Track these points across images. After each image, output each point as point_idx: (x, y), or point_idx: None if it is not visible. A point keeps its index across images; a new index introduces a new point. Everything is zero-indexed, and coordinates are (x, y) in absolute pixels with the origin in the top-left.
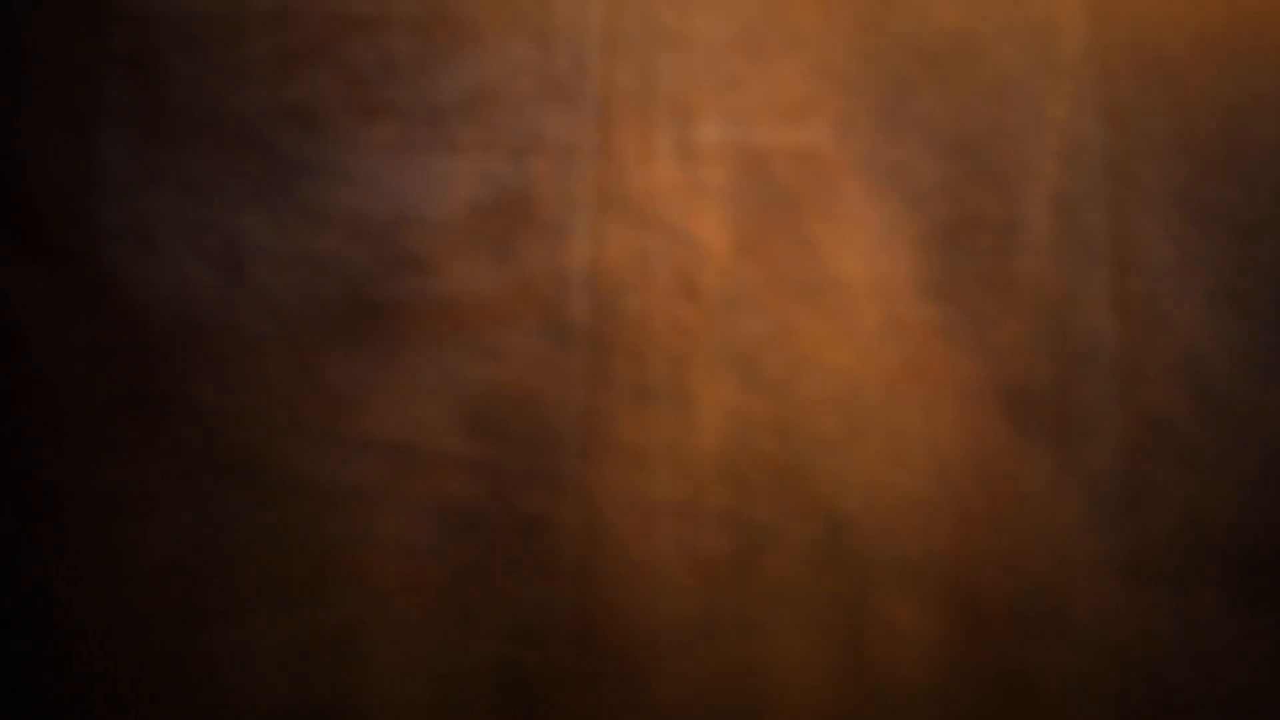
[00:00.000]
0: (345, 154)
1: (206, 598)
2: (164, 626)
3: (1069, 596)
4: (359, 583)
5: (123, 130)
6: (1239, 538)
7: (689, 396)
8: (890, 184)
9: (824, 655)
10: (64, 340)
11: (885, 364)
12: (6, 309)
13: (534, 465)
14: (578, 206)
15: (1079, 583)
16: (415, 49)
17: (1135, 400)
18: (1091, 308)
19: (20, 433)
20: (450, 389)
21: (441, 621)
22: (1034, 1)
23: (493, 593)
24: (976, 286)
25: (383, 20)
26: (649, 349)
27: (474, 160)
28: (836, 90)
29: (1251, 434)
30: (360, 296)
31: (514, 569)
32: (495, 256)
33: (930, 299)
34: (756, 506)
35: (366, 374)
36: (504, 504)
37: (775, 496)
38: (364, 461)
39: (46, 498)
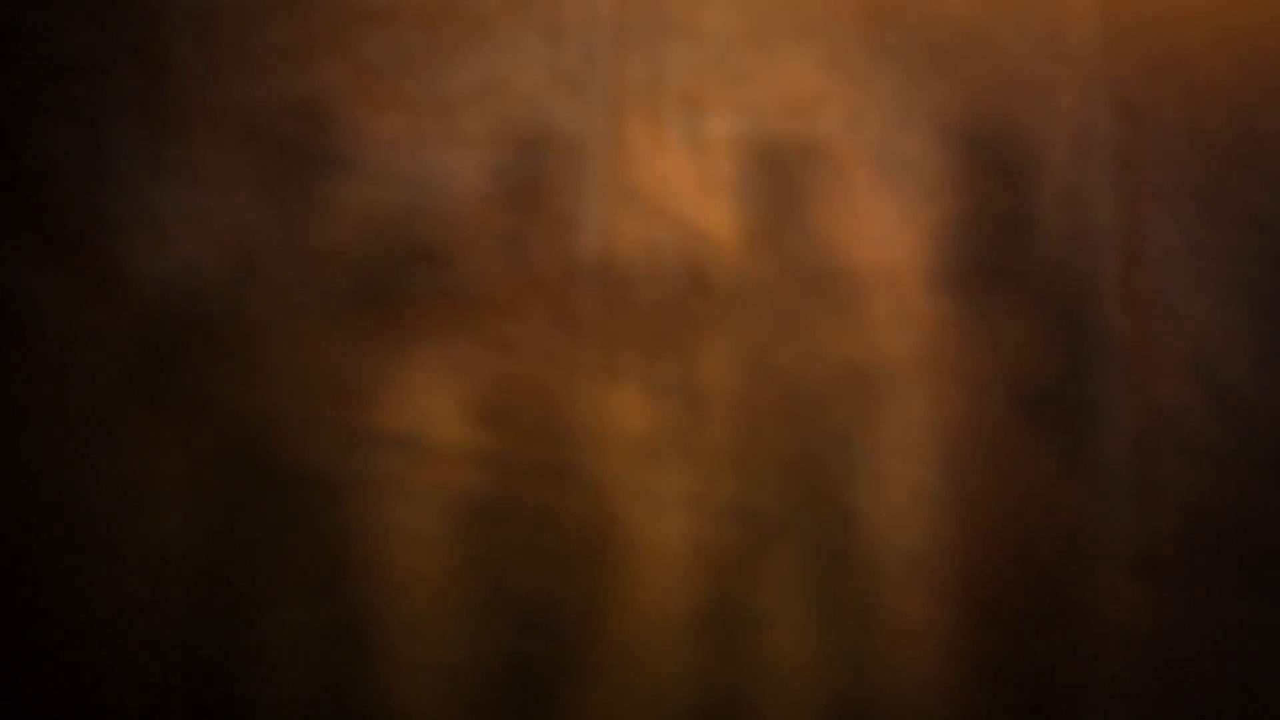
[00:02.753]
0: (355, 146)
1: (217, 590)
2: (174, 619)
3: (1078, 588)
4: (369, 574)
5: (131, 122)
6: (1248, 529)
7: (698, 389)
8: (900, 176)
9: (833, 647)
10: (73, 332)
11: (895, 356)
12: (16, 301)
13: (544, 457)
14: (588, 198)
15: (1088, 574)
16: (425, 41)
17: (1144, 392)
18: (1101, 300)
19: (30, 425)
20: (460, 381)
21: (452, 613)
22: None
23: (503, 584)
24: (986, 278)
25: (393, 12)
26: (659, 341)
27: (484, 152)
28: (846, 82)
29: (1261, 426)
30: (370, 289)
31: (524, 561)
32: (505, 248)
33: (940, 291)
34: (766, 499)
35: (376, 366)
36: (514, 496)
37: (785, 488)
38: (374, 453)
39: (56, 490)
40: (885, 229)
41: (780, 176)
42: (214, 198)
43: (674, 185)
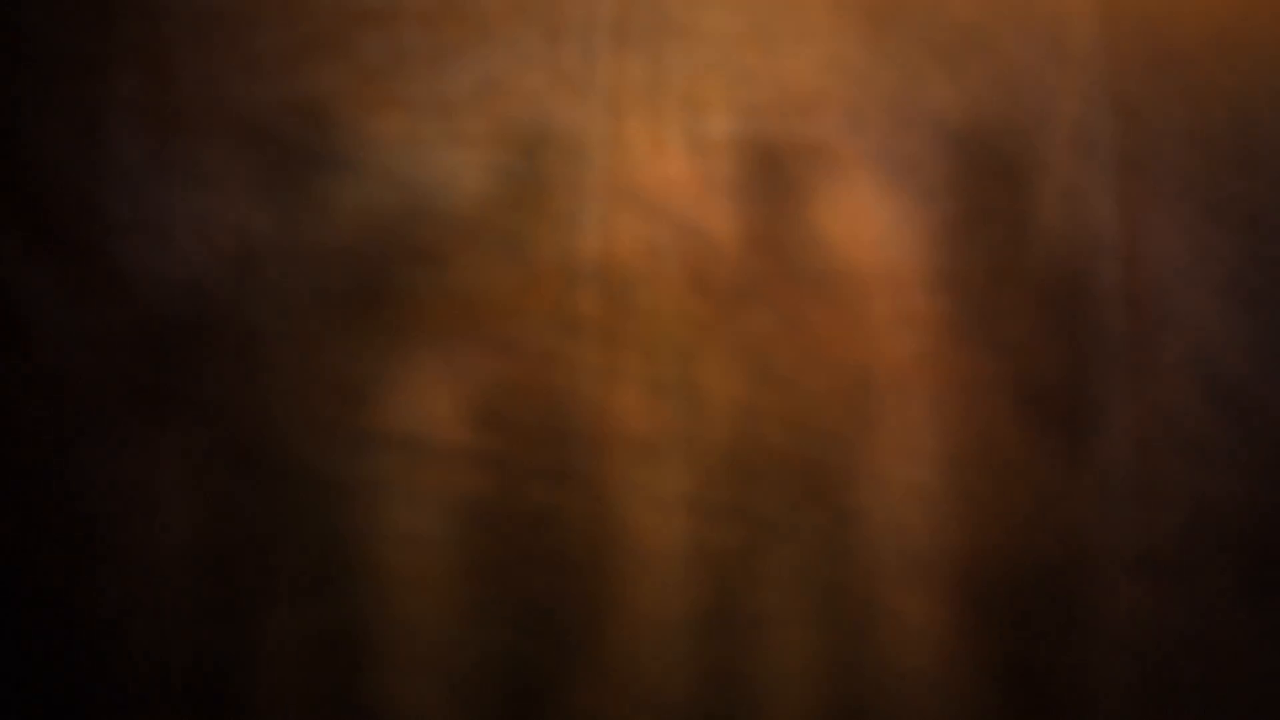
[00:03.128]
0: (355, 146)
1: (215, 592)
2: (172, 620)
3: (1079, 590)
4: (368, 576)
5: (131, 123)
6: (1249, 531)
7: (699, 389)
8: (900, 177)
9: (833, 648)
10: (72, 333)
11: (895, 357)
12: (15, 302)
13: (544, 458)
14: (588, 199)
15: (1089, 576)
16: (425, 41)
17: (1145, 393)
18: (1102, 301)
19: (28, 426)
20: (460, 382)
21: (451, 614)
22: None
23: (502, 586)
24: (986, 279)
25: (392, 12)
26: (659, 342)
27: (483, 153)
28: (846, 83)
29: (1262, 427)
30: (370, 289)
31: (523, 562)
32: (505, 249)
33: (940, 292)
34: (766, 500)
35: (376, 367)
36: (513, 497)
37: (784, 490)
38: (373, 455)
39: (54, 492)
40: (885, 229)
41: (780, 176)
42: (214, 198)
43: (674, 185)
